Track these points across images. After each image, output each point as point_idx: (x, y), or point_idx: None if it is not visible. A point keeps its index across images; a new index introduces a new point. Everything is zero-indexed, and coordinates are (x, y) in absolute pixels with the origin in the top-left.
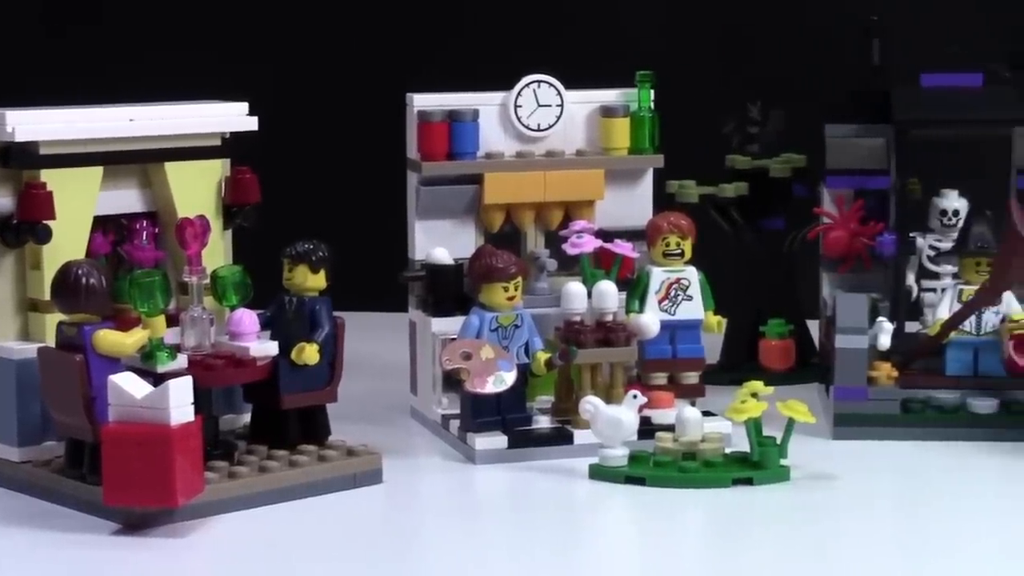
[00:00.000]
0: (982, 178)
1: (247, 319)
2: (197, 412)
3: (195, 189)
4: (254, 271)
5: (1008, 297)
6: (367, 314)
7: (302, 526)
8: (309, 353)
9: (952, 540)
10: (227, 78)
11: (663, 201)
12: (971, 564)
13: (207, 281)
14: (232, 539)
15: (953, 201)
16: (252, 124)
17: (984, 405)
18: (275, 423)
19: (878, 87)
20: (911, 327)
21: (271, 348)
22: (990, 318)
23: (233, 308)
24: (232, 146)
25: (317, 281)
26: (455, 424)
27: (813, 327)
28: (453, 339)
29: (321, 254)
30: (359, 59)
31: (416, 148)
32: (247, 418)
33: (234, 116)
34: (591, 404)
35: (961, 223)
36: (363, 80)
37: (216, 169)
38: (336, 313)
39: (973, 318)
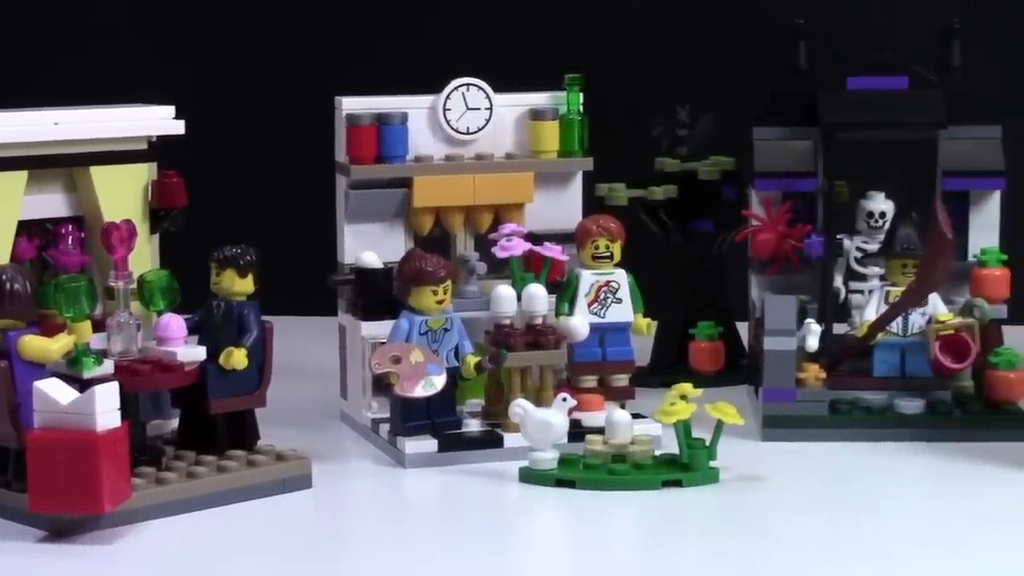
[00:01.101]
0: (908, 180)
1: (174, 324)
2: (124, 418)
3: (121, 193)
4: (181, 275)
5: (934, 298)
6: (296, 318)
7: (231, 532)
8: (237, 358)
9: (880, 540)
10: (153, 81)
11: (593, 204)
12: (899, 564)
13: (134, 286)
14: (160, 546)
15: (880, 203)
16: (179, 128)
17: (911, 406)
18: (203, 428)
19: (805, 90)
20: (839, 329)
21: (199, 353)
22: (916, 319)
23: (160, 313)
24: (159, 150)
25: (245, 285)
26: (385, 428)
27: (742, 329)
28: (383, 343)
29: (249, 258)
30: (287, 62)
31: (345, 151)
32: (175, 423)
33: (160, 120)
34: (521, 407)
35: (888, 225)
36: (291, 83)
37: (142, 173)
38: (265, 317)
39: (900, 319)
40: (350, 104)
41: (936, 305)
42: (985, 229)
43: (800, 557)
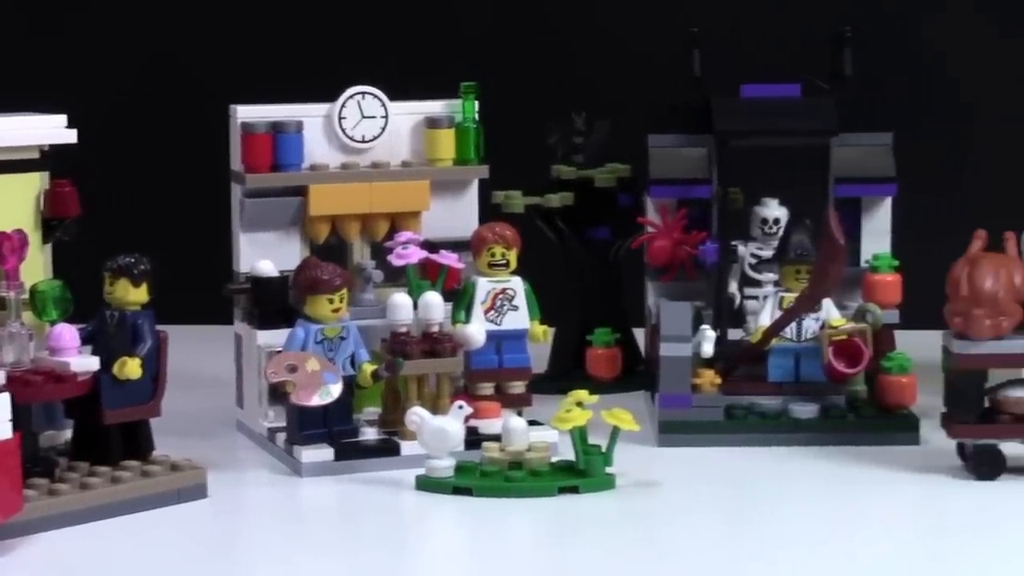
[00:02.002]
0: (801, 187)
1: (67, 334)
2: (16, 429)
3: (12, 202)
4: (74, 285)
5: (827, 304)
6: (192, 327)
7: (125, 543)
8: (131, 368)
9: (775, 543)
10: (45, 90)
11: (489, 211)
12: (793, 566)
13: (26, 296)
14: (53, 558)
15: (773, 210)
16: (71, 136)
17: (805, 410)
18: (97, 439)
19: (699, 98)
20: (734, 334)
21: (92, 363)
22: (810, 325)
23: (53, 323)
24: (51, 159)
25: (139, 295)
26: (281, 437)
27: (639, 335)
28: (279, 352)
29: (143, 267)
30: (181, 70)
31: (240, 160)
32: (68, 434)
33: (52, 128)
34: (417, 415)
35: (781, 231)
36: (185, 91)
37: (34, 182)
38: (159, 327)
39: (794, 325)
40: (245, 112)
41: (829, 310)
42: (877, 235)
43: (696, 561)
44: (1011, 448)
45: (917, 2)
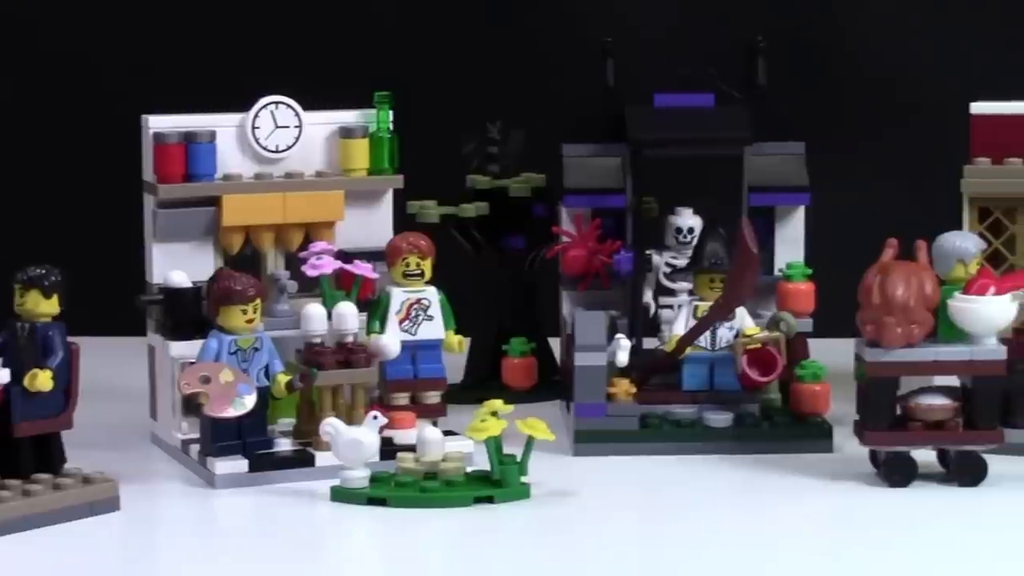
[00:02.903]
0: (715, 196)
1: None
2: None
3: None
4: None
5: (741, 312)
6: (104, 339)
7: (37, 557)
8: (42, 380)
9: (690, 552)
10: None
11: (404, 222)
12: (706, 571)
13: None
14: None
15: (687, 219)
16: None
17: (719, 419)
18: (7, 452)
19: (613, 107)
20: (649, 343)
21: (2, 376)
22: (724, 333)
23: None
24: None
25: (50, 306)
26: (195, 449)
27: (555, 345)
28: (192, 363)
29: (53, 279)
30: (92, 80)
31: (152, 170)
32: None
33: None
34: (332, 426)
35: (695, 240)
36: (96, 102)
37: None
38: (71, 339)
39: (708, 334)
40: (156, 122)
41: (743, 319)
42: (790, 244)
43: (611, 570)
44: (923, 455)
45: (830, 11)
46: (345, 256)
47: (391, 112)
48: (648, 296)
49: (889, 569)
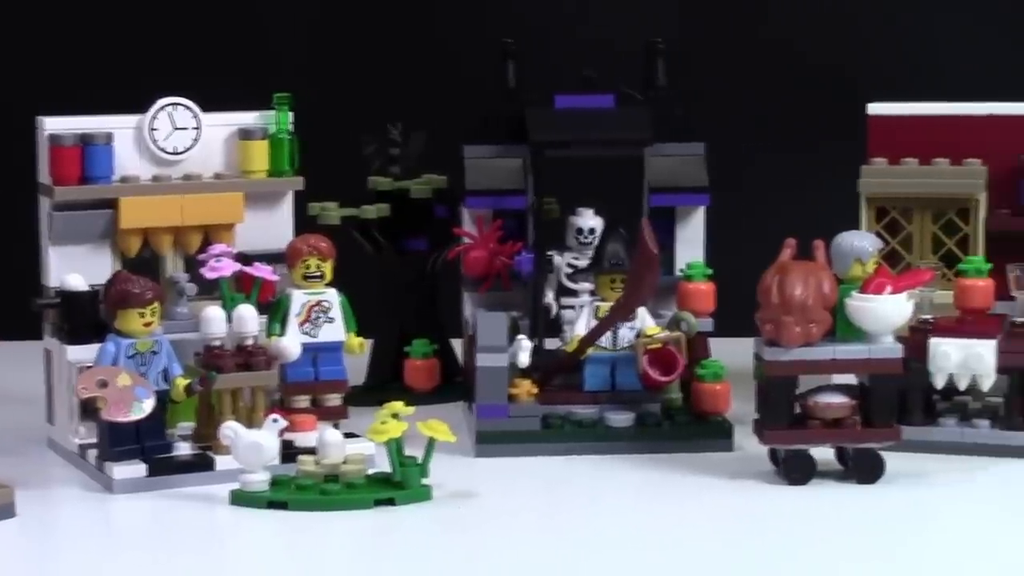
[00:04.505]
0: (616, 197)
1: None
2: None
3: None
4: None
5: (642, 312)
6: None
7: None
8: None
9: (593, 551)
10: None
11: (304, 223)
12: (611, 574)
13: None
14: None
15: (588, 220)
16: None
17: (621, 419)
18: None
19: (514, 109)
20: (551, 344)
21: None
22: (626, 333)
23: None
24: None
25: None
26: (93, 453)
27: (457, 346)
28: (89, 367)
29: None
30: None
31: (48, 172)
32: None
33: None
34: (231, 429)
35: (596, 241)
36: None
37: None
38: None
39: (609, 334)
40: (52, 124)
41: (644, 319)
42: (691, 244)
43: (513, 571)
44: (821, 453)
45: (727, 13)
46: (245, 258)
47: (291, 113)
48: (549, 297)
49: (789, 566)
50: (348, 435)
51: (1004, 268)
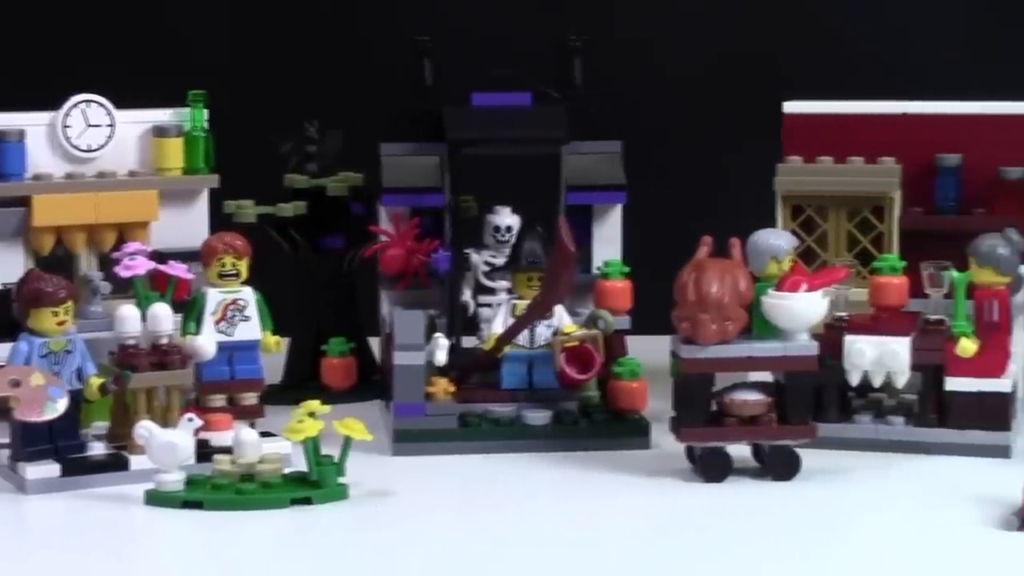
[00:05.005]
0: (534, 195)
1: None
2: None
3: None
4: None
5: (559, 310)
6: None
7: None
8: None
9: (510, 549)
10: None
11: (220, 221)
12: (529, 571)
13: None
14: None
15: (506, 218)
16: None
17: (538, 417)
18: None
19: (431, 106)
20: (468, 342)
21: None
22: (543, 331)
23: None
24: None
25: None
26: (5, 454)
27: (374, 344)
28: (2, 366)
29: None
30: None
31: None
32: None
33: None
34: (146, 429)
35: (513, 239)
36: None
37: None
38: None
39: (527, 332)
40: None
41: (561, 317)
42: (608, 242)
43: (430, 570)
44: (738, 450)
45: (645, 11)
46: (159, 257)
47: (206, 111)
48: (467, 295)
49: (706, 563)
50: (264, 434)
51: (918, 266)
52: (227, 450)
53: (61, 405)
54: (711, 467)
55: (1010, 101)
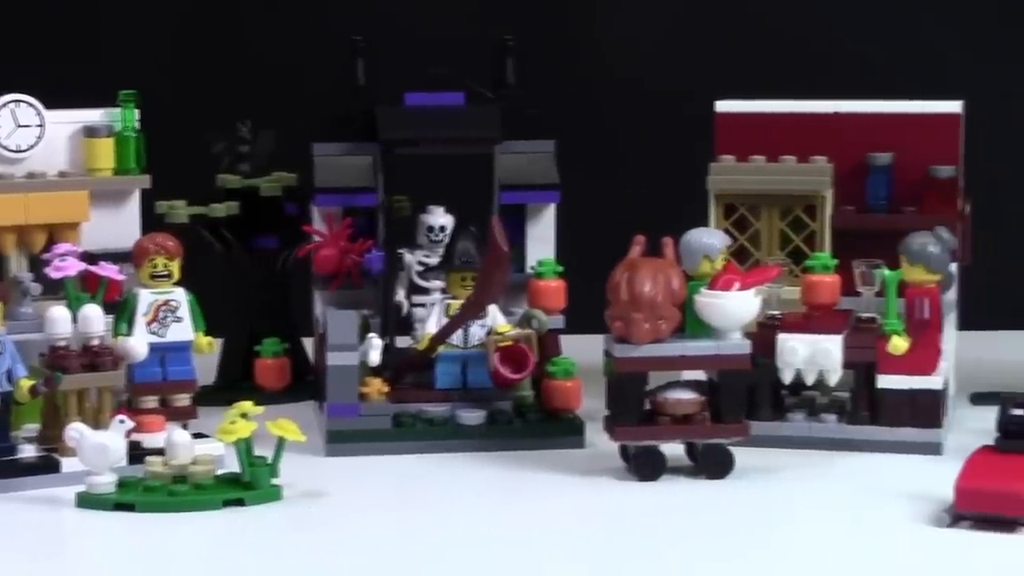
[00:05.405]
0: (467, 194)
1: None
2: None
3: None
4: None
5: (493, 310)
6: None
7: None
8: None
9: (445, 549)
10: None
11: (152, 222)
12: (463, 571)
13: None
14: None
15: (439, 217)
16: None
17: (472, 417)
18: None
19: (364, 106)
20: (402, 342)
21: None
22: (477, 331)
23: None
24: None
25: None
26: None
27: (308, 344)
28: None
29: None
30: None
31: None
32: None
33: None
34: (77, 431)
35: (447, 239)
36: None
37: None
38: None
39: (460, 331)
40: None
41: (495, 317)
42: (541, 241)
43: (364, 571)
44: (672, 449)
45: (579, 11)
46: (90, 257)
47: (136, 111)
48: (400, 295)
49: (640, 562)
50: (197, 435)
51: (850, 264)
52: (159, 452)
53: None
54: (645, 466)
55: (940, 100)
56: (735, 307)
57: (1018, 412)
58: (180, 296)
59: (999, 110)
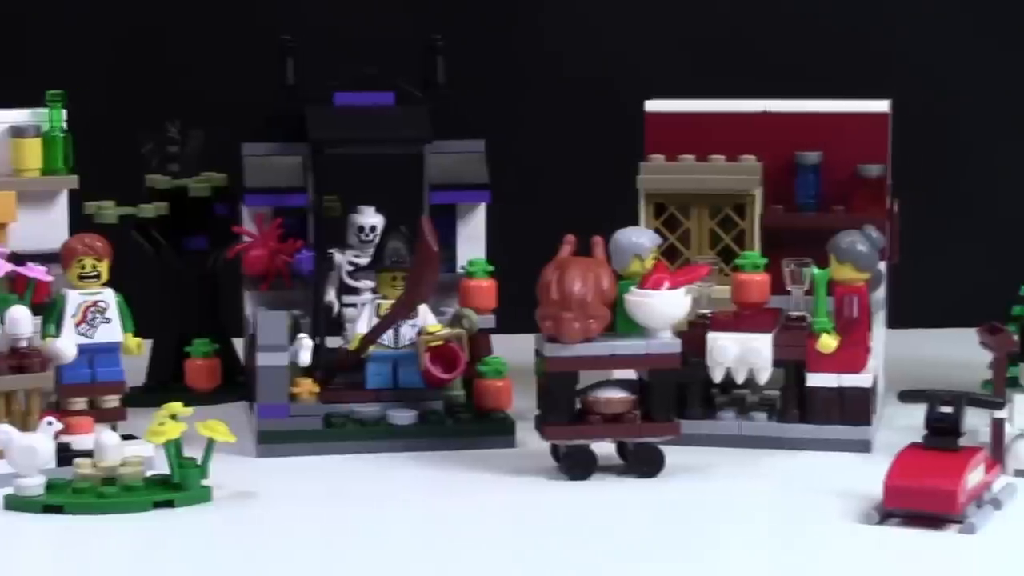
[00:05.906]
0: (397, 194)
1: None
2: None
3: None
4: None
5: (424, 310)
6: None
7: None
8: None
9: (376, 550)
10: None
11: (81, 223)
12: (393, 572)
13: None
14: None
15: (370, 217)
16: None
17: (403, 417)
18: None
19: (293, 106)
20: (332, 342)
21: None
22: (407, 331)
23: None
24: None
25: None
26: None
27: (239, 345)
28: None
29: None
30: None
31: None
32: None
33: None
34: (4, 433)
35: (377, 239)
36: None
37: None
38: None
39: (391, 331)
40: None
41: (426, 316)
42: (472, 241)
43: (295, 571)
44: (602, 448)
45: (510, 10)
46: (18, 258)
47: (64, 111)
48: (331, 295)
49: (570, 561)
50: (126, 437)
51: (779, 263)
52: (88, 453)
53: None
54: (575, 465)
55: (868, 100)
56: (665, 306)
57: (945, 410)
58: (109, 297)
59: (927, 109)
